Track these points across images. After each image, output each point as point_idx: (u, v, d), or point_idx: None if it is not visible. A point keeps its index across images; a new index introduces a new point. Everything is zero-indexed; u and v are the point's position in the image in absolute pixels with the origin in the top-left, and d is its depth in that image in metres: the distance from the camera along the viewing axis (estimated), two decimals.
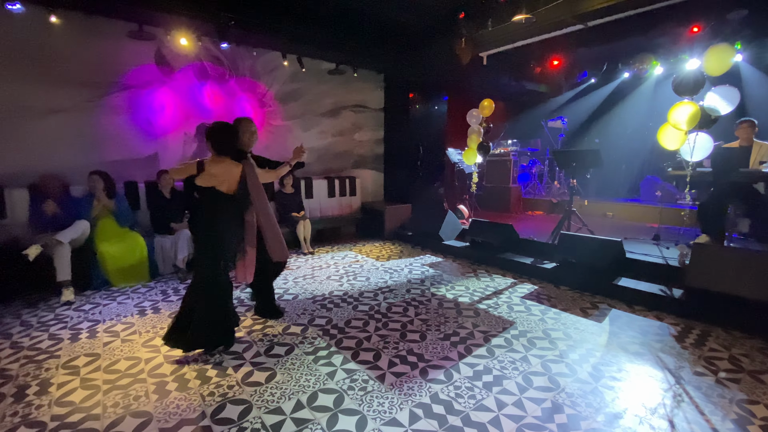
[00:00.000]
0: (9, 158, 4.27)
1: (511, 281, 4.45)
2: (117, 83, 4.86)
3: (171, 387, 2.33)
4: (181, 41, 4.95)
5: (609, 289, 3.93)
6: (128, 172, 4.93)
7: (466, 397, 2.27)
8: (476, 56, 6.37)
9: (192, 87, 5.45)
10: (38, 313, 3.45)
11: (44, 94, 4.43)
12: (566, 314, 3.50)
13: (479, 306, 3.69)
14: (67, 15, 4.40)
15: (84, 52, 4.60)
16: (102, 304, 3.66)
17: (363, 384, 2.39)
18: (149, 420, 2.04)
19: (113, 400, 2.21)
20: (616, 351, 2.81)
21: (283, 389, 2.32)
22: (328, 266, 5.01)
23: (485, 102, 6.22)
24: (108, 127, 4.84)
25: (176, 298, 3.84)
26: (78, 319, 3.33)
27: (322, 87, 6.74)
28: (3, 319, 3.33)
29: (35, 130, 4.41)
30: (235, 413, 2.09)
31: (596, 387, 2.37)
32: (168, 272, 4.56)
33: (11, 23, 4.17)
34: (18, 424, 2.01)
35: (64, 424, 2.01)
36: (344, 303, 3.74)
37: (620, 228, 5.87)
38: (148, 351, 2.78)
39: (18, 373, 2.49)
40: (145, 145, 5.14)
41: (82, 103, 4.64)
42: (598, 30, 5.17)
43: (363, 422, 2.04)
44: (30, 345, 2.87)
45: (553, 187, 8.56)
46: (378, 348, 2.85)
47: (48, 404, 2.18)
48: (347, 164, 7.31)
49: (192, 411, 2.11)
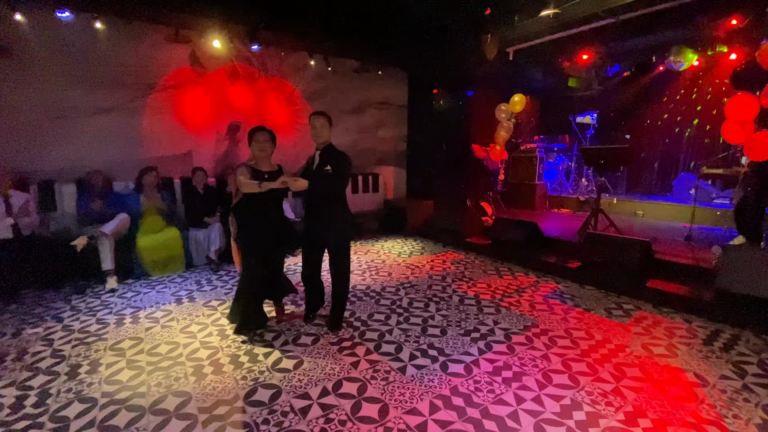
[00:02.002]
0: (59, 155, 4.61)
1: (534, 280, 4.44)
2: (155, 85, 5.14)
3: (207, 370, 2.51)
4: (214, 44, 5.18)
5: (635, 289, 3.86)
6: (165, 168, 5.20)
7: (485, 391, 2.33)
8: (502, 51, 6.30)
9: (223, 87, 5.68)
10: (86, 299, 3.74)
11: (90, 95, 4.74)
12: (590, 314, 3.48)
13: (501, 303, 3.71)
14: (110, 21, 4.68)
15: (126, 55, 4.89)
16: (142, 293, 3.93)
17: (385, 374, 2.49)
18: (189, 399, 2.21)
19: (156, 380, 2.41)
20: (641, 352, 2.79)
21: (310, 376, 2.45)
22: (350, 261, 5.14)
23: (516, 97, 6.12)
24: (147, 126, 5.14)
25: (209, 288, 4.06)
26: (121, 306, 3.59)
27: (347, 85, 6.85)
28: (54, 304, 3.63)
29: (82, 129, 4.74)
30: (266, 396, 2.24)
31: (617, 386, 2.38)
32: (201, 263, 4.81)
33: (61, 30, 4.49)
34: (72, 400, 2.23)
35: (113, 401, 2.21)
36: (367, 297, 3.85)
37: (650, 227, 5.70)
38: (185, 337, 2.98)
39: (70, 354, 2.74)
40: (181, 143, 5.41)
41: (124, 103, 4.95)
42: (631, 23, 5.00)
43: (385, 410, 2.14)
44: (80, 328, 3.13)
45: (581, 185, 8.35)
46: (399, 341, 2.94)
47: (98, 382, 2.40)
48: (370, 161, 7.41)
49: (227, 393, 2.28)
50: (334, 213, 2.94)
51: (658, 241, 4.71)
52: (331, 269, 3.08)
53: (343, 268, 3.06)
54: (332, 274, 3.07)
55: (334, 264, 3.06)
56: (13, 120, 4.33)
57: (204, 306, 3.58)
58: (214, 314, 3.40)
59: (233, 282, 4.24)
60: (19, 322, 3.23)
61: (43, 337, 2.98)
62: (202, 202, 4.86)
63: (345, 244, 3.06)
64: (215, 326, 3.16)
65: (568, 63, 7.07)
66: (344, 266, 3.07)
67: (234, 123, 5.79)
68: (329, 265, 3.08)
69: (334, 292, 3.11)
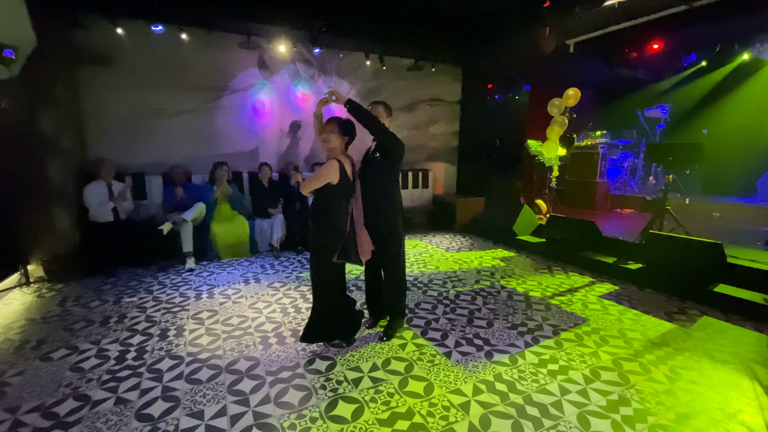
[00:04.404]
0: (148, 151, 5.28)
1: (589, 280, 4.31)
2: (228, 87, 5.68)
3: (272, 341, 2.83)
4: (279, 48, 5.61)
5: (702, 294, 3.63)
6: (234, 163, 5.74)
7: (529, 381, 2.38)
8: (561, 44, 6.09)
9: (287, 88, 6.12)
10: (169, 276, 4.29)
11: (174, 98, 5.37)
12: (648, 317, 3.34)
13: (551, 301, 3.68)
14: (193, 31, 5.27)
15: (204, 61, 5.46)
16: (215, 273, 4.41)
17: (431, 357, 2.63)
18: (257, 363, 2.53)
19: (230, 345, 2.76)
20: (701, 357, 2.66)
21: (361, 353, 2.67)
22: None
23: (570, 91, 5.93)
24: (221, 125, 5.70)
25: (272, 272, 4.46)
26: (199, 283, 4.08)
27: (400, 83, 7.02)
28: (145, 279, 4.21)
29: (166, 128, 5.38)
30: (323, 366, 2.49)
31: (671, 388, 2.32)
32: (265, 250, 5.27)
33: (153, 41, 5.13)
34: (164, 356, 2.64)
35: (196, 359, 2.59)
36: (414, 287, 4.00)
37: (727, 230, 5.23)
38: (253, 312, 3.35)
39: (160, 320, 3.20)
40: (249, 140, 5.93)
41: (201, 105, 5.53)
42: (708, 9, 4.62)
43: (430, 388, 2.29)
44: (166, 300, 3.63)
45: (648, 183, 7.81)
46: (445, 329, 3.06)
47: (183, 344, 2.80)
48: (421, 157, 7.53)
49: (289, 360, 2.56)
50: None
51: (734, 244, 4.35)
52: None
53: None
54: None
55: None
56: (112, 120, 5.04)
57: (268, 287, 3.96)
58: (277, 294, 3.76)
59: (293, 267, 4.61)
60: (118, 292, 3.81)
61: (138, 305, 3.50)
62: (266, 194, 5.31)
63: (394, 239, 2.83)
64: (278, 304, 3.50)
65: (636, 53, 6.64)
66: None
67: (295, 122, 6.21)
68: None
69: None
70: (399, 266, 2.89)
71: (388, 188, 2.79)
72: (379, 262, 2.94)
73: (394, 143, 2.73)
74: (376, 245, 2.82)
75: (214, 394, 2.22)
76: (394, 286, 2.93)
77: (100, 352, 2.67)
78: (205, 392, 2.23)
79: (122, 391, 2.24)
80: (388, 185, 2.80)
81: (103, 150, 4.90)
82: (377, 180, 2.78)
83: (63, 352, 2.67)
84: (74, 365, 2.51)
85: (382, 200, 2.78)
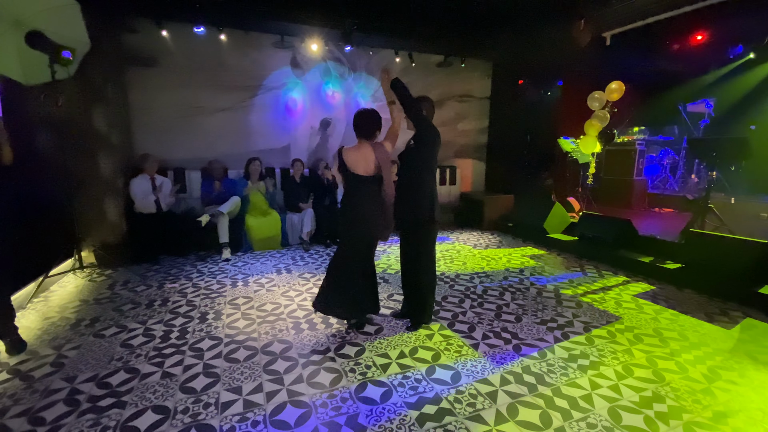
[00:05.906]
0: (188, 147, 5.56)
1: (624, 279, 4.18)
2: (262, 86, 5.89)
3: (304, 327, 2.94)
4: (312, 47, 5.77)
5: (747, 296, 3.45)
6: (267, 159, 5.95)
7: (558, 374, 2.37)
8: (597, 37, 5.91)
9: (318, 86, 6.27)
10: (207, 265, 4.51)
11: (213, 96, 5.63)
12: (686, 317, 3.22)
13: (582, 299, 3.61)
14: (232, 33, 5.51)
15: (241, 61, 5.69)
16: (249, 263, 4.61)
17: (458, 348, 2.66)
18: (290, 347, 2.64)
19: (264, 329, 2.90)
20: (742, 358, 2.55)
21: (389, 341, 2.73)
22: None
23: (613, 84, 5.73)
24: (256, 123, 5.92)
25: (302, 263, 4.61)
26: (234, 272, 4.28)
27: (429, 79, 7.03)
28: (185, 267, 4.45)
29: (206, 125, 5.65)
30: (352, 351, 2.58)
31: (708, 387, 2.24)
32: (295, 243, 5.44)
33: (195, 42, 5.40)
34: (204, 337, 2.80)
35: (234, 341, 2.73)
36: (441, 282, 4.02)
37: None
38: (285, 299, 3.49)
39: (200, 304, 3.39)
40: (281, 137, 6.13)
41: (238, 103, 5.77)
42: None
43: (457, 376, 2.32)
44: (205, 286, 3.83)
45: (690, 182, 7.43)
46: (473, 322, 3.08)
47: (222, 327, 2.96)
48: (449, 154, 7.50)
49: (320, 345, 2.66)
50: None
51: None
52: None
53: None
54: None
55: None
56: (156, 118, 5.35)
57: (299, 277, 4.10)
58: (307, 284, 3.88)
59: (322, 260, 4.74)
60: (161, 278, 4.05)
61: (179, 290, 3.71)
62: (298, 189, 5.48)
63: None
64: (309, 293, 3.62)
65: (678, 45, 6.34)
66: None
67: (325, 119, 6.35)
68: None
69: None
70: (423, 260, 2.85)
71: (419, 177, 2.78)
72: (407, 252, 2.97)
73: (425, 128, 2.79)
74: (402, 234, 2.90)
75: (250, 372, 2.34)
76: (418, 276, 2.87)
77: (147, 331, 2.87)
78: (243, 370, 2.36)
79: (168, 366, 2.41)
80: (420, 174, 2.78)
81: (147, 146, 5.21)
82: (408, 168, 2.85)
83: (114, 330, 2.89)
84: (124, 342, 2.71)
85: (411, 189, 2.79)
